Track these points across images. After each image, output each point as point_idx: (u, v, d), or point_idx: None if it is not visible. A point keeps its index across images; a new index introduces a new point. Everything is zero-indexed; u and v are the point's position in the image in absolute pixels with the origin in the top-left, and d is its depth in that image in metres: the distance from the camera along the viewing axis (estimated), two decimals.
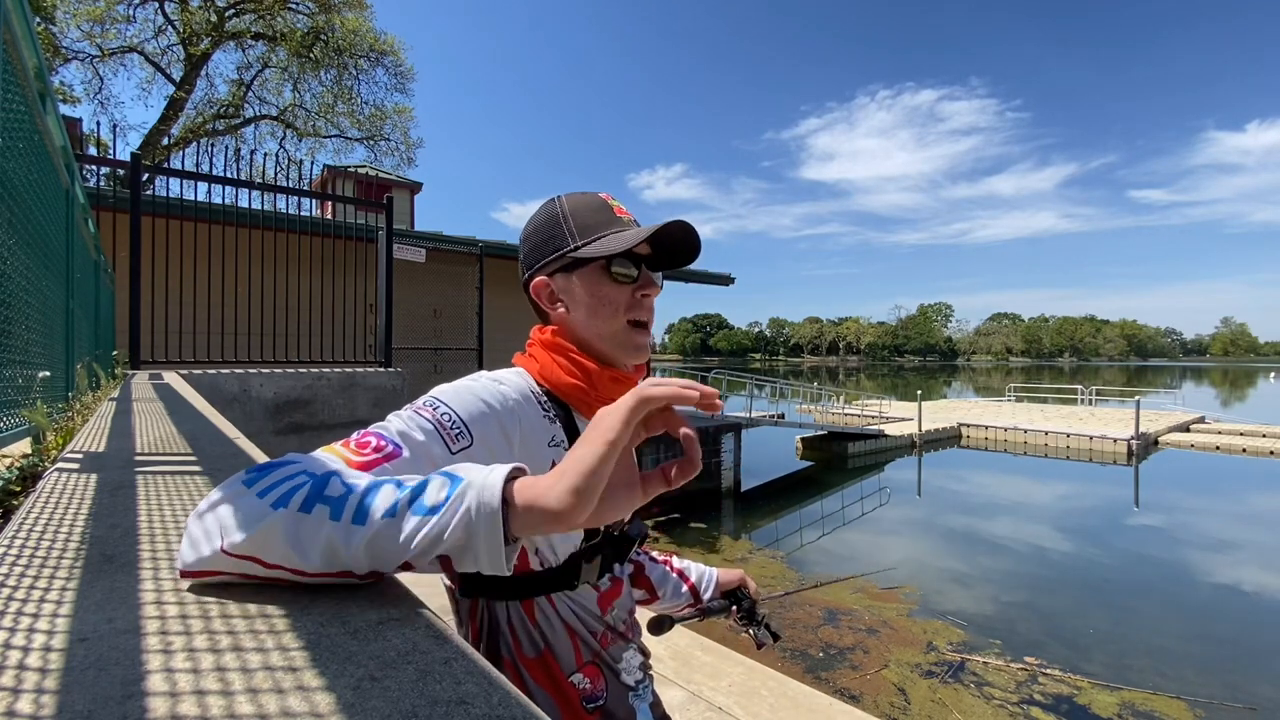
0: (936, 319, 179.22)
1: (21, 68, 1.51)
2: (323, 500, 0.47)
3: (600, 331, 0.81)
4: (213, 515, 0.47)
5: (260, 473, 0.50)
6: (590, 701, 0.78)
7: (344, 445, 0.61)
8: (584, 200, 0.84)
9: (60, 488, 0.95)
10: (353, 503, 0.47)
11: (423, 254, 6.47)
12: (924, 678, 4.85)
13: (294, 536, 0.46)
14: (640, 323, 0.83)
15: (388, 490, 0.48)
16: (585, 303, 0.82)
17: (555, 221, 0.84)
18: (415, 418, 0.67)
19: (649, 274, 0.82)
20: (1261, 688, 4.83)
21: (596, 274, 0.81)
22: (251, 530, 0.45)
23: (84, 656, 0.39)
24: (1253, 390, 43.61)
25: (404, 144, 18.47)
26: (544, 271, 0.85)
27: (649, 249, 0.83)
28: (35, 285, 1.70)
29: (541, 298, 0.86)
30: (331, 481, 0.48)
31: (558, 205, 0.85)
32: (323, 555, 0.46)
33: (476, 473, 0.49)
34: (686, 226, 0.80)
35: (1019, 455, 15.88)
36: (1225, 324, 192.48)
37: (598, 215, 0.82)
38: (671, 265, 0.86)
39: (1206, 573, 7.59)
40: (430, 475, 0.50)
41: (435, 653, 0.41)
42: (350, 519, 0.46)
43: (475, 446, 0.68)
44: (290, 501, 0.46)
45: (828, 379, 50.36)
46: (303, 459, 0.55)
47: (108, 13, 14.03)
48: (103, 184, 5.96)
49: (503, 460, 0.70)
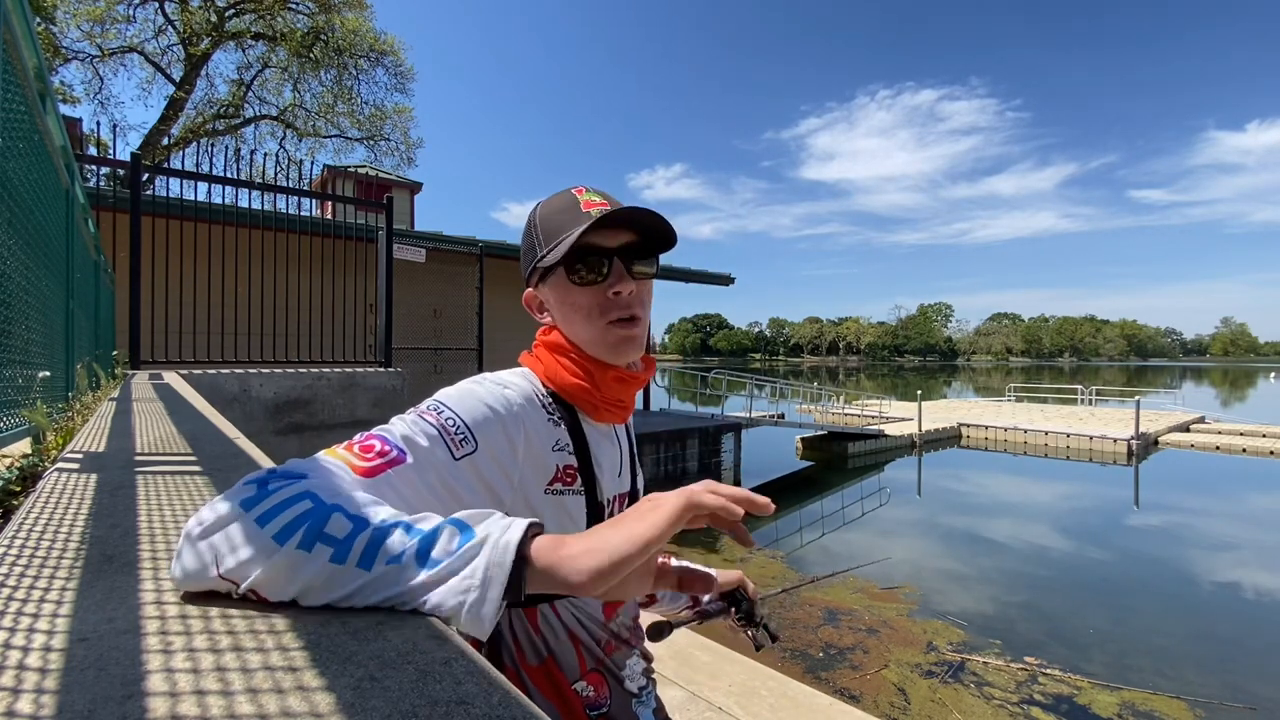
0: (936, 319, 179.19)
1: (21, 68, 1.51)
2: (325, 539, 0.45)
3: (580, 337, 0.79)
4: (207, 544, 0.46)
5: (263, 492, 0.48)
6: (594, 709, 0.77)
7: (347, 449, 0.61)
8: (552, 203, 0.81)
9: (60, 488, 0.95)
10: (358, 547, 0.45)
11: (423, 254, 6.47)
12: (924, 678, 4.85)
13: (293, 577, 0.45)
14: (623, 319, 0.78)
15: (397, 537, 0.46)
16: (559, 311, 0.81)
17: (530, 231, 0.83)
18: (419, 422, 0.66)
19: (620, 268, 0.76)
20: (1261, 688, 4.82)
21: (561, 280, 0.78)
22: (249, 568, 0.45)
23: (84, 656, 0.39)
24: (1253, 390, 43.60)
25: (404, 144, 18.50)
26: (530, 284, 0.85)
27: (630, 236, 0.78)
28: (35, 285, 1.70)
29: (532, 309, 0.86)
30: (334, 517, 0.46)
31: (532, 214, 0.83)
32: (321, 595, 0.45)
33: (492, 527, 0.48)
34: (634, 209, 0.75)
35: (1019, 455, 15.87)
36: (1225, 324, 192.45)
37: (562, 216, 0.79)
38: (658, 248, 0.81)
39: (1206, 572, 7.59)
40: (441, 524, 0.48)
41: (435, 653, 0.41)
42: (355, 563, 0.45)
43: (479, 452, 0.67)
44: (291, 537, 0.45)
45: (828, 379, 50.36)
46: (309, 472, 0.53)
47: (108, 13, 14.03)
48: (103, 184, 5.96)
49: (507, 466, 0.70)
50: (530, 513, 0.73)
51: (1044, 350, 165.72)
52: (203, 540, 0.46)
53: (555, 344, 0.82)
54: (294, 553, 0.44)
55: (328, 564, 0.45)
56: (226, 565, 0.45)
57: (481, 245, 7.94)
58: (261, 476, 0.51)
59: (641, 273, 0.79)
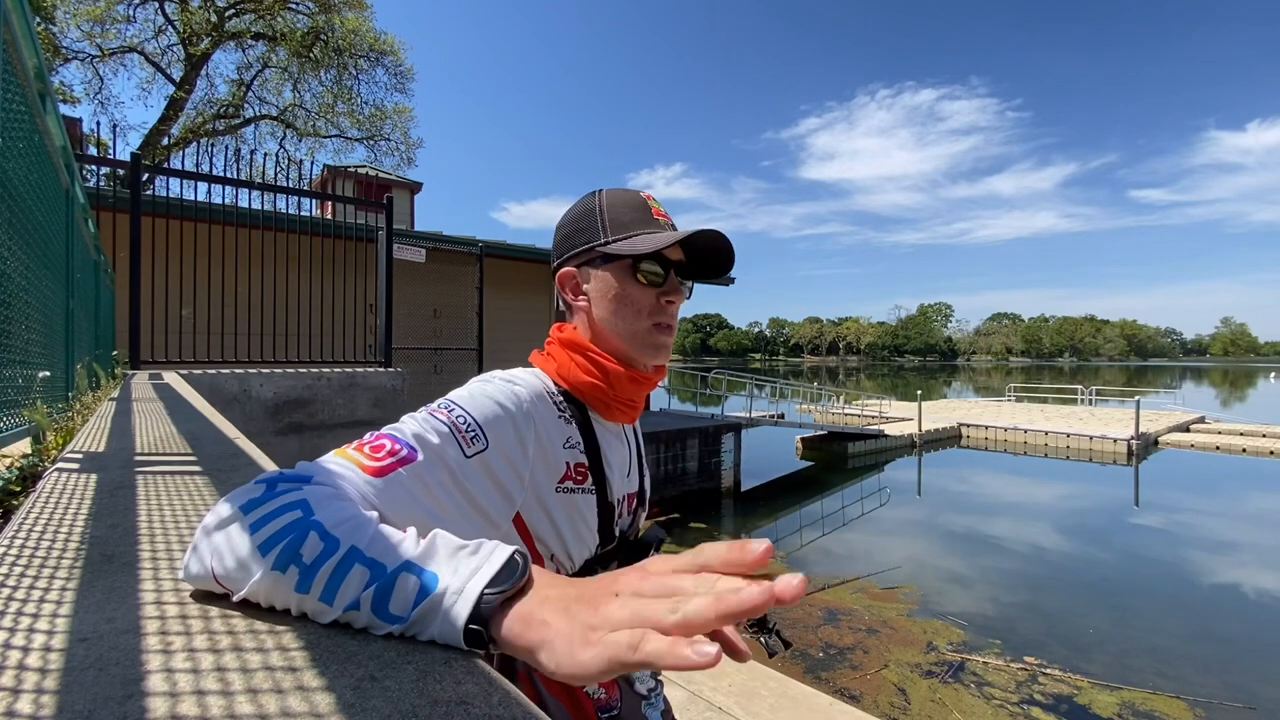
0: (936, 319, 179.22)
1: (21, 68, 1.51)
2: (296, 562, 0.44)
3: (621, 330, 0.80)
4: (210, 541, 0.47)
5: (268, 494, 0.49)
6: (605, 711, 0.78)
7: (358, 449, 0.60)
8: (622, 197, 0.83)
9: (60, 488, 0.95)
10: (321, 579, 0.44)
11: (423, 254, 6.47)
12: (924, 678, 4.85)
13: (271, 596, 0.46)
14: (663, 325, 0.81)
15: (357, 575, 0.44)
16: (609, 299, 0.81)
17: (591, 214, 0.83)
18: (430, 420, 0.66)
19: (676, 280, 0.81)
20: (1261, 687, 4.83)
21: (623, 272, 0.80)
22: (239, 576, 0.46)
23: (84, 656, 0.39)
24: (1253, 390, 43.60)
25: (404, 144, 18.51)
26: (572, 262, 0.84)
27: (682, 255, 0.82)
28: (35, 285, 1.70)
29: (566, 287, 0.85)
30: (310, 536, 0.45)
31: (596, 199, 0.84)
32: (296, 611, 0.46)
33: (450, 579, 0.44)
34: (720, 236, 0.79)
35: (1019, 455, 15.88)
36: (1225, 324, 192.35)
37: (633, 213, 0.81)
38: (703, 276, 0.85)
39: (1206, 572, 7.59)
40: (399, 566, 0.44)
41: (435, 653, 0.41)
42: (318, 596, 0.44)
43: (491, 449, 0.67)
44: (271, 551, 0.45)
45: (828, 379, 50.36)
46: (314, 476, 0.54)
47: (108, 13, 14.03)
48: (103, 184, 5.95)
49: (518, 464, 0.70)
50: (542, 510, 0.73)
51: (1044, 350, 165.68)
52: (215, 534, 0.47)
53: (573, 341, 0.82)
54: (270, 573, 0.44)
55: (294, 591, 0.44)
56: (222, 568, 0.46)
57: (481, 245, 7.93)
58: (272, 477, 0.52)
59: (688, 289, 0.86)
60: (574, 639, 0.39)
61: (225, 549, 0.46)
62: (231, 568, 0.46)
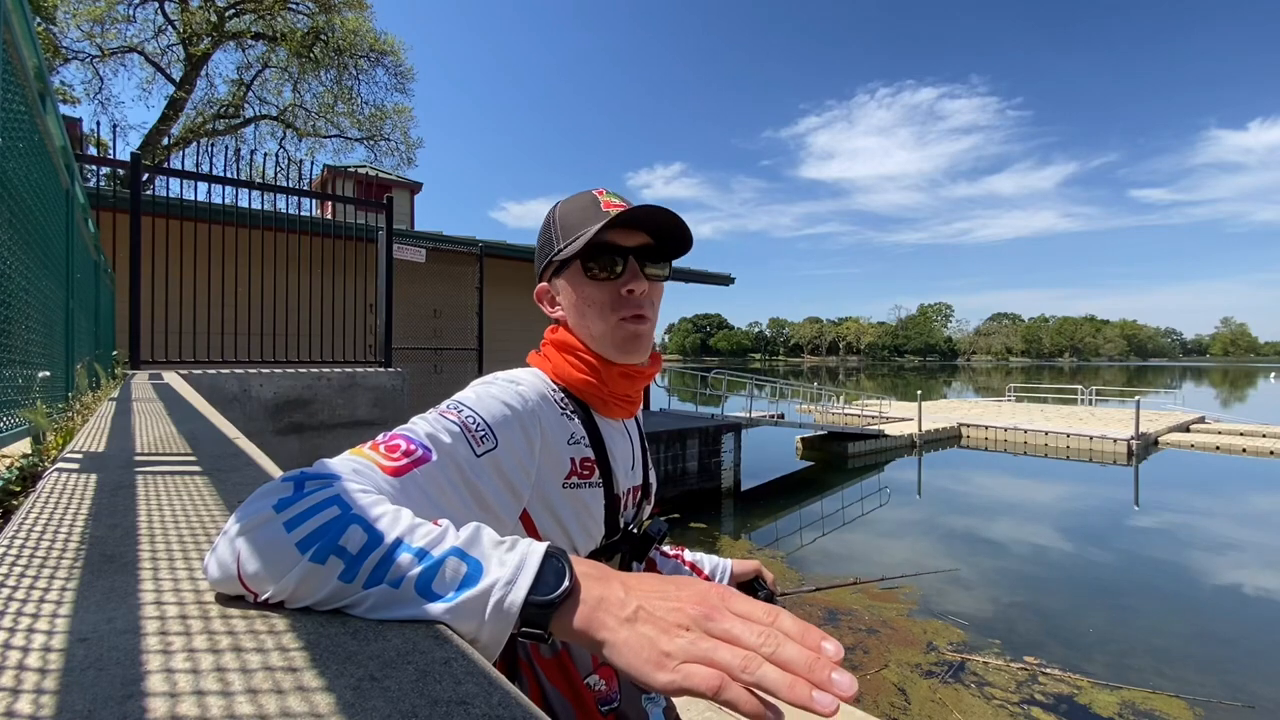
0: (936, 319, 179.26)
1: (21, 68, 1.51)
2: (339, 553, 0.45)
3: (594, 332, 0.81)
4: (234, 544, 0.47)
5: (299, 494, 0.49)
6: (605, 704, 0.78)
7: (373, 448, 0.61)
8: (573, 202, 0.84)
9: (60, 488, 0.95)
10: (368, 567, 0.45)
11: (423, 254, 6.46)
12: (924, 678, 4.85)
13: (307, 590, 0.46)
14: (634, 317, 0.80)
15: (404, 561, 0.46)
16: (574, 306, 0.82)
17: (548, 226, 0.85)
18: (441, 420, 0.67)
19: (634, 266, 0.80)
20: (1261, 687, 4.82)
21: (577, 275, 0.81)
22: (271, 575, 0.45)
23: (84, 656, 0.39)
24: (1253, 390, 43.58)
25: (404, 144, 18.50)
26: (543, 278, 0.87)
27: (646, 238, 0.81)
28: (35, 285, 1.70)
29: (543, 303, 0.88)
30: (351, 529, 0.46)
31: (552, 211, 0.86)
32: (329, 605, 0.46)
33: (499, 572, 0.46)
34: (655, 209, 0.77)
35: (1019, 455, 15.87)
36: (1225, 324, 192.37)
37: (582, 214, 0.81)
38: (671, 252, 0.84)
39: (1206, 572, 7.59)
40: (445, 554, 0.47)
41: (435, 653, 0.41)
42: (362, 583, 0.45)
43: (500, 449, 0.68)
44: (311, 547, 0.45)
45: (828, 379, 50.36)
46: (340, 473, 0.54)
47: (108, 13, 14.02)
48: (103, 184, 5.95)
49: (526, 463, 0.71)
50: (548, 507, 0.74)
51: (1044, 350, 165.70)
52: (243, 536, 0.47)
53: (563, 342, 0.84)
54: (308, 565, 0.45)
55: (337, 580, 0.45)
56: (253, 568, 0.46)
57: (481, 245, 7.93)
58: (297, 477, 0.52)
59: (654, 274, 0.82)
60: (647, 658, 0.43)
61: (257, 549, 0.46)
62: (263, 567, 0.45)
